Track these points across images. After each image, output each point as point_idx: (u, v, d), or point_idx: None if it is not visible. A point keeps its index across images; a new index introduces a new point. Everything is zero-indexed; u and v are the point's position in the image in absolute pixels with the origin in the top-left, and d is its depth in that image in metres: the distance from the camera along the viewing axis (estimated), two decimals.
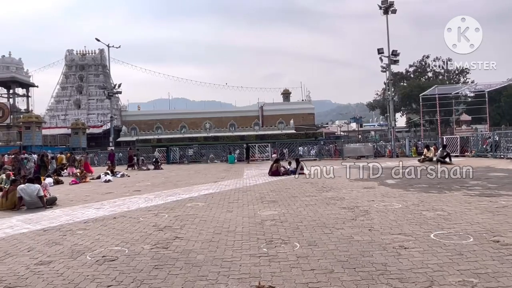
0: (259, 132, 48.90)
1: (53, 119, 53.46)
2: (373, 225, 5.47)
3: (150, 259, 4.23)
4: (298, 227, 5.50)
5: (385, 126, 63.99)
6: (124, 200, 9.34)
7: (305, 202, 7.76)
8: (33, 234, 5.85)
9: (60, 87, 56.90)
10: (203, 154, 31.13)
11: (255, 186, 11.23)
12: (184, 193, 10.17)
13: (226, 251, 4.46)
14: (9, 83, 40.80)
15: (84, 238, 5.39)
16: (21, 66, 43.64)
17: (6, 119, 38.67)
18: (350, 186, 10.21)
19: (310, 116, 59.70)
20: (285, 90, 64.50)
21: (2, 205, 8.42)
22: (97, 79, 56.60)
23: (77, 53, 57.64)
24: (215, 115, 59.46)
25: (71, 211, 7.87)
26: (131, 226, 6.05)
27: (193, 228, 5.71)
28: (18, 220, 7.09)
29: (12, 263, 4.31)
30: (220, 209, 7.30)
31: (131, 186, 13.00)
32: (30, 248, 4.94)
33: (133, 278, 3.66)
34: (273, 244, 4.68)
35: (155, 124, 57.25)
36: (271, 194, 9.15)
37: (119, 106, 56.86)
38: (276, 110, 58.17)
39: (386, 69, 29.31)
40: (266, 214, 6.64)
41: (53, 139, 38.12)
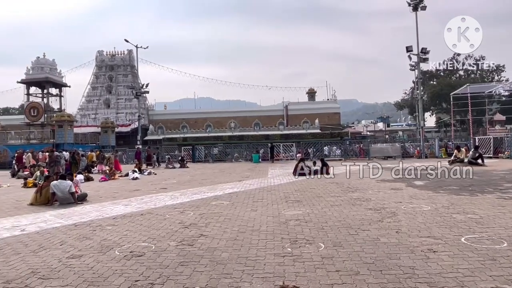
0: (284, 132, 48.73)
1: (84, 118, 55.25)
2: (400, 227, 5.34)
3: (176, 256, 4.30)
4: (323, 228, 5.45)
5: (413, 126, 62.23)
6: (151, 197, 9.54)
7: (330, 202, 7.68)
8: (65, 228, 6.08)
9: (91, 87, 58.73)
10: (227, 153, 31.38)
11: (279, 185, 11.21)
12: (209, 191, 10.28)
13: (251, 250, 4.47)
14: (44, 83, 42.43)
15: (113, 233, 5.55)
16: (55, 67, 45.28)
17: (40, 117, 40.28)
18: (377, 187, 10.02)
19: (336, 116, 58.91)
20: (310, 89, 63.94)
21: (36, 200, 8.79)
22: (126, 79, 58.03)
23: (106, 54, 59.29)
24: (240, 115, 59.68)
25: (101, 207, 8.12)
26: (157, 223, 6.17)
27: (218, 226, 5.77)
28: (51, 215, 7.39)
29: (46, 256, 4.49)
30: (244, 208, 7.33)
31: (157, 183, 13.27)
32: (62, 242, 5.13)
33: (160, 273, 3.73)
34: (298, 244, 4.65)
35: (181, 123, 58.14)
36: (296, 194, 9.10)
37: (146, 105, 58.07)
38: (301, 110, 57.75)
39: (415, 68, 28.53)
40: (291, 213, 6.62)
41: (83, 137, 39.36)
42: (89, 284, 3.51)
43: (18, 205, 8.91)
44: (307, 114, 56.48)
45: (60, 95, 44.06)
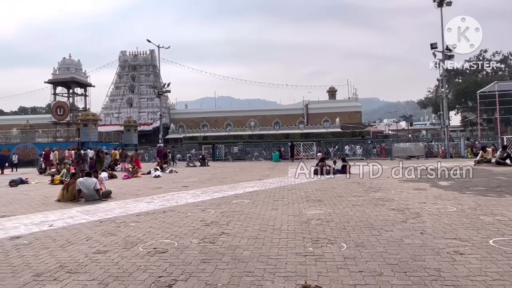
0: (304, 131, 48.47)
1: (108, 117, 56.57)
2: (425, 228, 5.22)
3: (198, 253, 4.35)
4: (345, 228, 5.39)
5: (437, 125, 60.73)
6: (172, 195, 9.68)
7: (351, 202, 7.59)
8: (90, 224, 6.25)
9: (114, 87, 60.04)
10: (247, 151, 31.46)
11: (300, 184, 11.16)
12: (230, 190, 10.34)
13: (272, 248, 4.47)
14: (69, 83, 43.70)
15: (137, 230, 5.66)
16: (80, 67, 46.56)
17: (66, 117, 41.51)
18: (400, 187, 9.84)
19: (357, 114, 58.15)
20: (330, 88, 63.34)
21: (63, 196, 9.08)
22: (148, 78, 59.03)
23: (129, 54, 60.47)
24: (259, 113, 59.76)
25: (124, 204, 8.30)
26: (179, 221, 6.26)
27: (239, 225, 5.80)
28: (77, 211, 7.60)
29: (73, 250, 4.63)
30: (265, 207, 7.34)
31: (179, 182, 13.44)
32: (88, 238, 5.27)
33: (182, 270, 3.78)
34: (319, 243, 4.62)
35: (202, 122, 58.69)
36: (317, 193, 9.04)
37: (167, 104, 58.90)
38: (322, 108, 57.28)
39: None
40: (312, 213, 6.58)
41: (107, 135, 40.34)
42: (114, 279, 3.60)
43: (46, 201, 9.22)
44: (327, 113, 55.99)
45: (85, 94, 45.26)
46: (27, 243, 5.08)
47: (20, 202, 9.17)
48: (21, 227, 6.18)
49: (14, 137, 37.29)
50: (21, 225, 6.34)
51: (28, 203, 8.96)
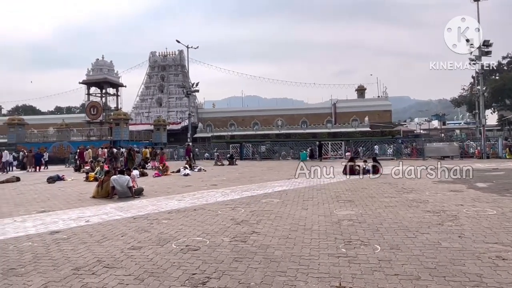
0: (332, 130, 47.89)
1: (138, 116, 58.09)
2: (463, 231, 5.02)
3: (230, 252, 4.37)
4: (378, 229, 5.27)
5: (472, 124, 58.36)
6: (202, 193, 9.80)
7: (384, 203, 7.41)
8: (124, 221, 6.42)
9: (144, 87, 61.56)
10: (275, 151, 31.42)
11: (329, 184, 11.02)
12: (259, 189, 10.35)
13: (304, 248, 4.43)
14: (102, 84, 45.19)
15: (169, 227, 5.76)
16: (112, 68, 48.08)
17: (99, 116, 42.96)
18: (434, 188, 9.52)
19: (387, 113, 56.83)
20: (359, 86, 62.23)
21: (98, 193, 9.38)
22: (177, 78, 60.11)
23: (159, 55, 61.82)
24: (287, 113, 59.56)
25: (156, 202, 8.48)
26: (210, 219, 6.32)
27: (269, 224, 5.78)
28: (111, 207, 7.84)
29: (109, 246, 4.77)
30: (295, 206, 7.29)
31: (207, 180, 13.60)
32: (123, 234, 5.42)
33: (215, 268, 3.81)
34: (352, 245, 4.54)
35: (229, 121, 59.17)
36: (347, 194, 8.89)
37: (196, 103, 59.77)
38: (350, 107, 56.40)
39: (476, 62, 26.64)
40: (343, 213, 6.47)
41: (138, 134, 41.42)
42: (149, 274, 3.67)
43: (81, 198, 9.57)
44: (356, 111, 55.07)
45: (117, 94, 46.64)
46: (66, 237, 5.28)
47: (58, 198, 9.56)
48: (59, 222, 6.43)
49: (50, 135, 38.97)
50: (60, 220, 6.60)
51: (65, 199, 9.33)
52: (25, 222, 6.50)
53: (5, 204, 8.72)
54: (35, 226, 6.08)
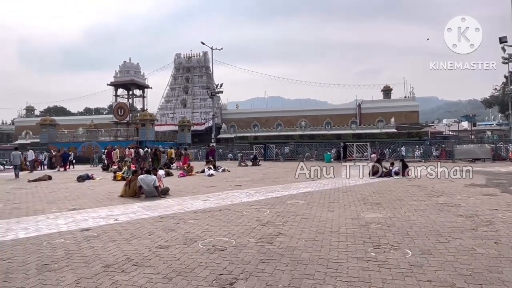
0: (357, 131, 47.16)
1: (163, 117, 59.09)
2: (499, 237, 4.81)
3: (257, 253, 4.35)
4: (408, 233, 5.12)
5: (505, 125, 56.04)
6: (227, 194, 9.83)
7: (413, 206, 7.20)
8: (151, 220, 6.52)
9: (169, 88, 62.56)
10: (298, 152, 31.21)
11: (355, 186, 10.83)
12: (283, 190, 10.29)
13: (331, 251, 4.35)
14: (129, 85, 46.19)
15: (195, 227, 5.81)
16: (139, 70, 49.09)
17: (126, 117, 43.91)
18: (466, 191, 9.18)
19: (414, 114, 55.37)
20: (385, 87, 60.94)
21: (125, 192, 9.59)
22: (201, 79, 60.79)
23: (184, 57, 62.70)
24: (310, 113, 59.08)
25: (182, 201, 8.58)
26: (235, 219, 6.32)
27: (295, 226, 5.73)
28: (139, 206, 7.98)
29: (137, 244, 4.84)
30: (321, 208, 7.20)
31: (232, 181, 13.65)
32: (150, 232, 5.50)
33: (242, 269, 3.80)
34: (381, 249, 4.42)
35: (252, 121, 59.28)
36: (374, 196, 8.70)
37: (219, 104, 60.21)
38: (375, 108, 55.33)
39: (510, 60, 25.56)
40: (371, 216, 6.33)
41: (163, 135, 42.10)
42: (177, 274, 3.70)
43: (110, 196, 9.80)
44: (382, 112, 53.99)
45: (143, 96, 47.57)
46: (95, 235, 5.41)
47: (88, 197, 9.84)
48: (89, 220, 6.61)
49: (80, 136, 40.22)
50: (90, 218, 6.78)
51: (94, 198, 9.59)
52: (57, 219, 6.71)
53: (39, 202, 9.05)
54: (67, 224, 6.27)
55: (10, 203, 8.98)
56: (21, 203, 8.86)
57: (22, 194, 10.87)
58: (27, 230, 5.82)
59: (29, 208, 8.06)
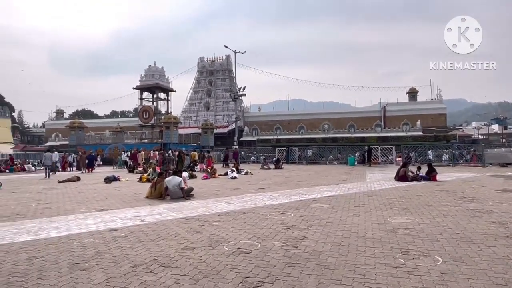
0: (381, 134, 46.30)
1: (187, 120, 59.95)
2: None
3: (282, 256, 4.33)
4: (438, 240, 4.97)
5: None
6: (250, 196, 9.84)
7: (442, 212, 6.99)
8: (177, 221, 6.60)
9: (193, 91, 63.47)
10: (321, 155, 30.94)
11: (381, 190, 10.62)
12: (307, 193, 10.21)
13: (358, 257, 4.28)
14: (154, 89, 47.09)
15: (220, 229, 5.84)
16: (163, 73, 49.98)
17: (151, 120, 44.77)
18: (498, 197, 8.83)
19: (441, 117, 53.93)
20: (411, 89, 59.68)
21: (151, 193, 9.76)
22: (224, 83, 61.37)
23: (207, 60, 63.50)
24: (333, 116, 58.54)
25: (206, 203, 8.65)
26: (260, 222, 6.32)
27: (320, 230, 5.67)
28: (164, 208, 8.11)
29: (164, 245, 4.91)
30: (346, 213, 7.09)
31: (255, 183, 13.66)
32: (176, 234, 5.57)
33: (268, 272, 3.79)
34: (410, 255, 4.31)
35: (275, 124, 59.24)
36: (401, 201, 8.51)
37: (242, 107, 60.53)
38: (401, 111, 54.24)
39: None
40: (398, 221, 6.19)
41: (186, 137, 42.66)
42: (204, 275, 3.73)
43: (136, 198, 10.00)
44: (407, 115, 52.87)
45: (167, 99, 48.37)
46: (123, 235, 5.52)
47: (115, 198, 10.07)
48: (117, 220, 6.76)
49: (107, 138, 41.30)
50: (117, 218, 6.94)
51: (121, 199, 9.81)
52: (87, 219, 6.90)
53: (69, 202, 9.34)
54: (96, 224, 6.44)
55: (42, 203, 9.31)
56: (52, 203, 9.17)
57: (53, 194, 11.25)
58: (58, 230, 6.01)
59: (60, 208, 8.33)
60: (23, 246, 4.99)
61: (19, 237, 5.55)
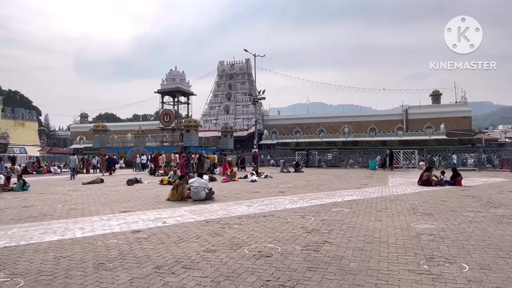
0: (403, 138, 45.42)
1: (207, 123, 60.47)
2: None
3: (303, 260, 4.31)
4: (464, 246, 4.83)
5: None
6: (270, 200, 9.83)
7: (468, 218, 6.79)
8: (198, 223, 6.66)
9: (213, 95, 64.00)
10: (342, 159, 30.61)
11: (403, 195, 10.41)
12: (327, 197, 10.12)
13: (381, 262, 4.21)
14: (175, 93, 47.77)
15: (240, 232, 5.86)
16: (184, 77, 50.68)
17: (171, 123, 45.41)
18: None
19: (466, 120, 52.41)
20: (434, 91, 58.27)
21: (172, 196, 9.89)
22: (243, 86, 61.62)
23: (227, 64, 63.96)
24: (354, 119, 57.79)
25: (226, 206, 8.70)
26: (280, 226, 6.30)
27: (342, 234, 5.60)
28: (185, 210, 8.20)
29: (185, 247, 4.97)
30: (367, 217, 6.99)
31: (275, 187, 13.64)
32: (197, 236, 5.62)
33: (289, 276, 3.77)
34: (435, 262, 4.21)
35: (294, 128, 58.99)
36: (424, 206, 8.32)
37: (261, 110, 60.60)
38: (423, 114, 53.04)
39: None
40: (422, 227, 6.05)
41: (206, 140, 43.05)
42: (225, 278, 3.75)
43: (158, 200, 10.15)
44: (430, 118, 51.66)
45: (188, 102, 48.97)
46: (146, 237, 5.62)
47: (137, 200, 10.26)
48: (140, 222, 6.88)
49: (129, 141, 42.14)
50: (140, 220, 7.06)
51: (143, 201, 9.98)
52: (110, 220, 7.06)
53: (93, 203, 9.57)
54: (119, 225, 6.57)
55: (68, 204, 9.58)
56: (77, 204, 9.42)
57: (78, 196, 11.55)
58: (83, 230, 6.17)
59: (85, 209, 8.55)
60: (50, 246, 5.14)
61: (46, 237, 5.73)
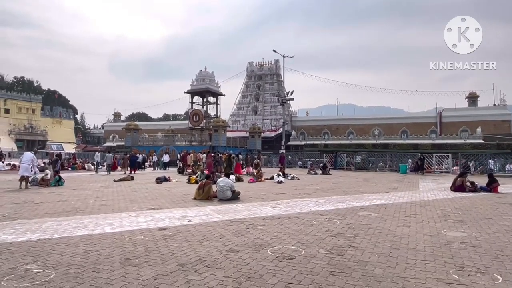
0: (436, 141, 43.93)
1: (235, 123, 60.97)
2: None
3: (326, 264, 4.24)
4: (498, 256, 4.60)
5: None
6: (296, 201, 9.77)
7: (504, 226, 6.47)
8: (222, 223, 6.72)
9: (241, 96, 64.45)
10: (371, 161, 29.97)
11: (434, 201, 10.06)
12: (354, 200, 9.94)
13: (408, 269, 4.08)
14: (204, 93, 48.49)
15: (264, 233, 5.85)
16: (213, 78, 51.32)
17: (200, 123, 46.11)
18: None
19: (505, 124, 50.04)
20: (471, 93, 56.08)
21: (199, 195, 10.03)
22: (272, 87, 61.66)
23: (256, 65, 64.22)
24: (384, 122, 56.52)
25: (251, 207, 8.72)
26: (305, 228, 6.24)
27: (368, 239, 5.48)
28: (211, 209, 8.29)
29: (209, 246, 5.02)
30: (395, 222, 6.80)
31: (301, 189, 13.54)
32: (221, 236, 5.66)
33: (311, 280, 3.73)
34: (466, 271, 4.03)
35: (323, 129, 58.43)
36: (457, 213, 8.00)
37: (290, 111, 60.41)
38: (459, 117, 51.10)
39: None
40: (453, 235, 5.82)
41: (234, 141, 43.38)
42: (247, 278, 3.75)
43: (184, 198, 10.32)
44: (466, 121, 49.72)
45: (217, 103, 49.52)
46: (171, 234, 5.72)
47: (165, 197, 10.48)
48: (166, 219, 7.02)
49: (159, 140, 43.14)
50: (166, 218, 7.21)
51: (170, 199, 10.18)
52: (138, 217, 7.24)
53: (122, 200, 9.86)
54: (146, 222, 6.74)
55: (99, 200, 9.92)
56: (108, 201, 9.74)
57: (109, 192, 11.94)
58: (112, 226, 6.37)
59: (115, 206, 8.82)
60: (80, 240, 5.34)
61: (77, 231, 5.96)
